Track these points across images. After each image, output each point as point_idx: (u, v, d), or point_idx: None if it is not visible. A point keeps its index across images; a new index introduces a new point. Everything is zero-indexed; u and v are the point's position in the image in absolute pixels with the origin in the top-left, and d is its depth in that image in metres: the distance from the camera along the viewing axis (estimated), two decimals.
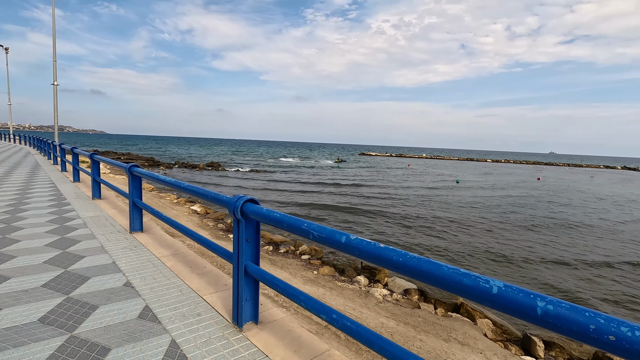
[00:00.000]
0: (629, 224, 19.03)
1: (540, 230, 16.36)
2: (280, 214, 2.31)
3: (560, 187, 38.67)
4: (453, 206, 22.17)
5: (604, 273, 11.00)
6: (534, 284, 9.91)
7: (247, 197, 2.57)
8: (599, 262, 12.01)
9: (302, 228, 2.03)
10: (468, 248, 12.96)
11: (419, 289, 8.44)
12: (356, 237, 1.80)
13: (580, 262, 11.89)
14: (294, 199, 22.13)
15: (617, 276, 10.77)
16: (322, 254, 10.97)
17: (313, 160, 69.43)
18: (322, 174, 40.64)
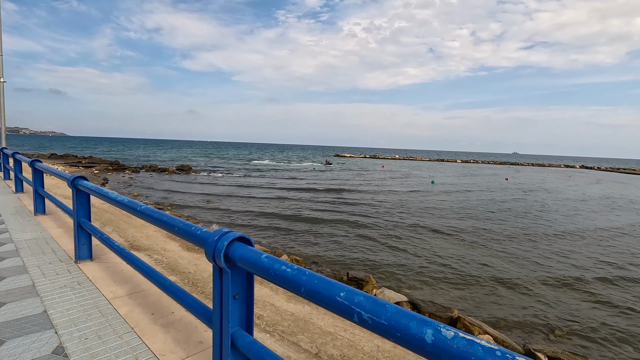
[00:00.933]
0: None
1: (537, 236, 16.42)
2: (290, 265, 1.55)
3: (557, 188, 39.93)
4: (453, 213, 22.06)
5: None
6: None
7: (234, 233, 1.79)
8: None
9: (337, 300, 1.28)
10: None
11: (410, 302, 7.88)
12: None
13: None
14: (275, 209, 21.20)
15: None
16: (303, 264, 10.21)
17: (291, 163, 68.40)
18: (304, 178, 39.82)
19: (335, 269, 9.77)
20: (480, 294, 9.13)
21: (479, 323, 6.66)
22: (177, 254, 10.63)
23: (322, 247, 12.36)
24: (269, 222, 16.18)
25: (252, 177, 36.94)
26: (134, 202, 2.58)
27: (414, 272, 10.45)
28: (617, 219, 20.69)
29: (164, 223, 2.17)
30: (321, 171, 48.55)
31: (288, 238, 13.54)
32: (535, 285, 9.94)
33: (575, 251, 13.56)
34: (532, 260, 12.22)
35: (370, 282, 8.70)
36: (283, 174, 41.71)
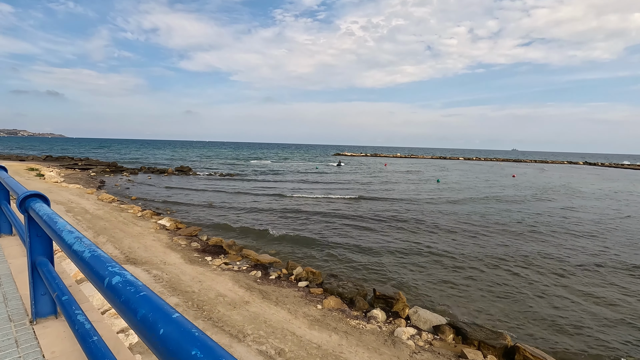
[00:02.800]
0: None
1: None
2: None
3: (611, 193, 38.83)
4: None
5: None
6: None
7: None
8: None
9: None
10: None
11: (451, 324, 6.77)
12: None
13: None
14: (282, 213, 20.05)
15: None
16: (321, 277, 9.11)
17: (292, 163, 67.22)
18: (311, 180, 38.70)
19: (358, 283, 8.65)
20: (527, 311, 8.01)
21: (543, 355, 5.56)
22: (179, 267, 9.51)
23: (342, 259, 11.23)
24: (279, 229, 15.05)
25: (253, 179, 35.80)
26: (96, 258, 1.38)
27: (449, 286, 9.34)
28: None
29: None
30: (326, 172, 47.38)
31: (303, 248, 12.41)
32: (595, 301, 8.84)
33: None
34: (592, 269, 11.11)
35: (401, 300, 7.59)
36: (287, 176, 40.57)
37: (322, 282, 8.76)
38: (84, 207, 15.36)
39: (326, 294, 8.12)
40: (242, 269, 9.53)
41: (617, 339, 6.98)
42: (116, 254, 9.70)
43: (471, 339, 6.18)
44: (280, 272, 9.44)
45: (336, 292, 8.15)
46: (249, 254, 10.84)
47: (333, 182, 34.00)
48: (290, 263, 9.95)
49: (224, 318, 6.38)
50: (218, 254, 10.81)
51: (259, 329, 6.09)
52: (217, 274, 8.90)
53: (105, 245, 10.46)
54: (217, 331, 5.90)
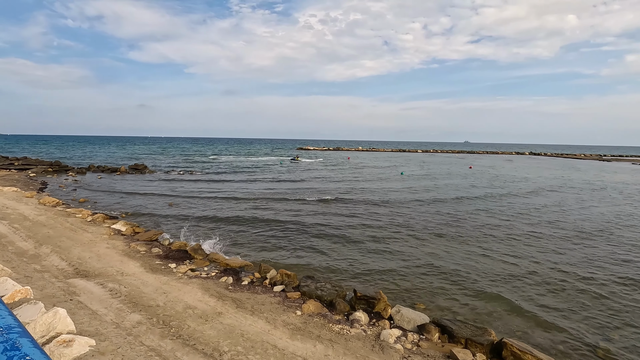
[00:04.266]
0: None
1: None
2: None
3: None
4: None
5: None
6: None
7: None
8: None
9: None
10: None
11: (435, 323, 6.62)
12: None
13: None
14: (248, 212, 19.23)
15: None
16: (297, 280, 8.64)
17: (255, 158, 65.56)
18: (274, 176, 37.80)
19: (336, 284, 8.30)
20: (509, 305, 8.10)
21: (529, 349, 5.53)
22: (139, 278, 8.56)
23: (317, 259, 10.83)
24: (246, 229, 14.33)
25: (215, 175, 34.32)
26: None
27: (426, 281, 9.26)
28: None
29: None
30: (290, 166, 46.67)
31: (274, 248, 11.83)
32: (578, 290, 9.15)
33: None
34: (564, 260, 11.56)
35: (382, 299, 7.34)
36: (250, 171, 39.40)
37: (299, 285, 8.30)
38: (22, 213, 13.63)
39: (304, 298, 7.68)
40: (210, 276, 8.82)
41: (589, 330, 7.22)
42: (63, 267, 8.57)
43: (457, 337, 6.05)
44: (253, 277, 8.85)
45: (315, 295, 7.73)
46: (217, 258, 10.11)
47: (299, 179, 33.51)
48: (263, 266, 9.38)
49: (196, 334, 5.73)
50: (183, 259, 9.97)
51: (237, 344, 5.52)
52: (184, 282, 8.13)
53: (50, 256, 9.23)
54: (189, 351, 5.25)
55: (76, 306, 6.33)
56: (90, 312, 6.14)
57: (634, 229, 15.23)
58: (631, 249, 12.34)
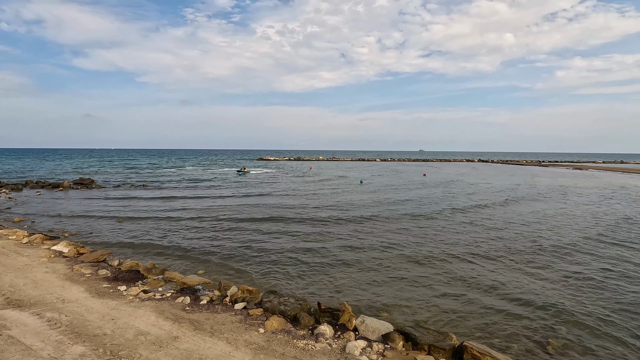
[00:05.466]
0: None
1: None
2: None
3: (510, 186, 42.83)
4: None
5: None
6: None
7: None
8: None
9: None
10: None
11: (399, 331, 6.67)
12: None
13: None
14: (205, 227, 18.45)
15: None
16: (259, 295, 8.36)
17: (212, 169, 63.53)
18: (231, 187, 36.77)
19: (300, 298, 8.12)
20: (464, 307, 8.38)
21: (487, 350, 5.73)
22: (83, 304, 7.77)
23: (279, 273, 10.55)
24: (205, 245, 13.72)
25: (171, 189, 32.77)
26: None
27: (389, 289, 9.35)
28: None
29: None
30: (248, 179, 45.80)
31: (236, 264, 11.38)
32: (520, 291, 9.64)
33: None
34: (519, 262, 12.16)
35: (347, 310, 7.28)
36: (209, 184, 38.09)
37: (262, 301, 8.02)
38: None
39: (267, 314, 7.42)
40: (166, 296, 8.26)
41: (541, 325, 7.65)
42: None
43: (421, 344, 6.12)
44: (213, 295, 8.43)
45: (278, 311, 7.50)
46: (173, 277, 9.53)
47: (259, 193, 32.97)
48: (223, 283, 8.97)
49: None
50: (134, 280, 9.27)
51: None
52: (135, 306, 7.53)
53: None
54: None
55: (6, 342, 5.61)
56: (24, 348, 5.46)
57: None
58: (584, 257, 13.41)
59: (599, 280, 10.09)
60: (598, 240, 14.53)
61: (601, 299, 8.83)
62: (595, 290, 9.45)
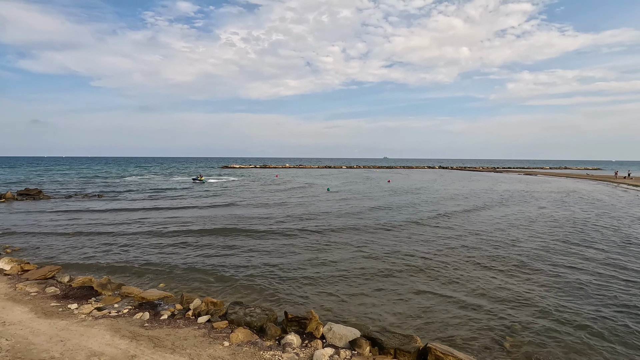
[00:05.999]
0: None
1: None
2: None
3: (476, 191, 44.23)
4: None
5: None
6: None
7: None
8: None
9: None
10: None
11: (366, 336, 6.73)
12: None
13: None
14: (163, 237, 17.72)
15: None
16: (223, 307, 8.12)
17: (173, 178, 61.18)
18: (191, 196, 35.57)
19: (266, 308, 7.98)
20: (428, 310, 8.62)
21: (450, 350, 5.92)
22: (28, 326, 7.12)
23: (245, 283, 10.30)
24: (163, 257, 13.14)
25: (129, 200, 31.16)
26: None
27: (356, 294, 9.43)
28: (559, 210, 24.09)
29: None
30: (212, 187, 44.62)
31: (199, 276, 10.97)
32: (474, 290, 10.06)
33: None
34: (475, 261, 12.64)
35: (314, 318, 7.25)
36: (170, 193, 36.65)
37: (226, 313, 7.78)
38: None
39: (232, 326, 7.21)
40: (122, 313, 7.78)
41: (500, 323, 8.04)
42: None
43: (387, 348, 6.21)
44: (174, 309, 8.06)
45: (244, 322, 7.31)
46: (131, 291, 9.01)
47: (223, 202, 32.23)
48: (186, 296, 8.61)
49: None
50: (87, 297, 8.66)
51: None
52: (88, 325, 7.03)
53: None
54: None
55: None
56: None
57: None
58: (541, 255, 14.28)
59: (557, 279, 10.81)
60: (561, 242, 15.61)
61: (558, 297, 9.46)
62: (553, 288, 10.11)
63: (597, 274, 11.26)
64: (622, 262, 12.48)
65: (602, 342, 7.11)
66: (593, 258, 12.94)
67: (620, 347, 6.91)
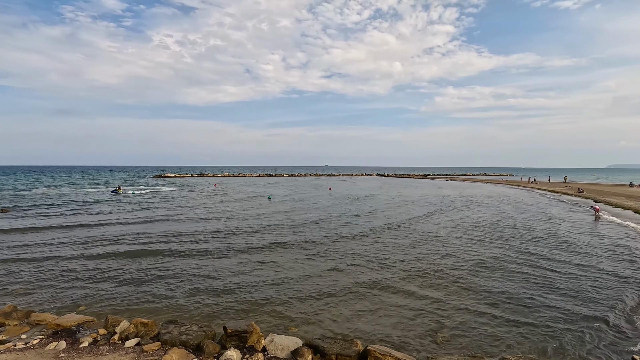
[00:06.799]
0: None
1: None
2: None
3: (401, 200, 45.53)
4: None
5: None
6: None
7: None
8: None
9: None
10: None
11: (308, 345, 6.71)
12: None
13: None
14: (79, 253, 16.04)
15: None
16: (156, 328, 7.50)
17: (97, 189, 55.48)
18: (112, 210, 32.64)
19: (204, 324, 7.56)
20: (368, 313, 8.88)
21: (388, 351, 6.16)
22: None
23: (179, 300, 9.66)
24: (84, 277, 11.84)
25: (43, 216, 27.60)
26: None
27: (297, 304, 9.36)
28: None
29: None
30: (143, 198, 41.45)
31: (123, 296, 10.02)
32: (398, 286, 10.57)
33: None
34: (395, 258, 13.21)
35: (255, 331, 7.04)
36: (93, 207, 33.21)
37: (159, 334, 7.20)
38: None
39: (166, 347, 6.70)
40: (32, 344, 6.80)
41: (432, 320, 8.56)
42: None
43: (329, 354, 6.26)
44: (97, 335, 7.25)
45: (178, 342, 6.84)
46: (43, 318, 7.91)
47: (151, 217, 30.15)
48: (111, 318, 7.80)
49: None
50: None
51: None
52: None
53: None
54: None
55: None
56: None
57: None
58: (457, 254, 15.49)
59: (483, 276, 11.85)
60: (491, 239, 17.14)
61: (482, 292, 10.38)
62: (478, 285, 11.06)
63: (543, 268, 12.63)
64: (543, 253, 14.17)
65: (515, 327, 7.96)
66: (538, 254, 14.51)
67: (526, 320, 7.80)
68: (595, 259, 13.68)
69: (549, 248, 15.57)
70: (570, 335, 7.59)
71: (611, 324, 8.13)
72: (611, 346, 7.20)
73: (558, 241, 16.88)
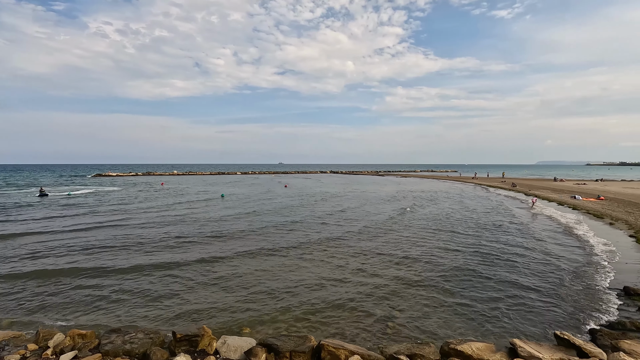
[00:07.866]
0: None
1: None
2: None
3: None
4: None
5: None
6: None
7: None
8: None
9: None
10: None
11: (262, 344, 6.67)
12: None
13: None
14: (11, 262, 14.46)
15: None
16: (96, 338, 6.99)
17: (26, 190, 49.87)
18: (59, 210, 29.76)
19: (151, 331, 7.18)
20: (320, 309, 9.00)
21: (341, 344, 6.32)
22: None
23: (122, 305, 9.06)
24: (9, 288, 10.69)
25: None
26: None
27: (245, 304, 9.21)
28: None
29: None
30: (79, 201, 38.17)
31: (56, 305, 9.17)
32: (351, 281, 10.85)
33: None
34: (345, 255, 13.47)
35: (207, 334, 6.84)
36: (25, 210, 29.96)
37: (99, 345, 6.72)
38: None
39: (108, 359, 6.27)
40: None
41: (383, 311, 8.88)
42: None
43: (283, 352, 6.27)
44: (26, 351, 6.57)
45: (122, 352, 6.43)
46: None
47: (90, 219, 27.99)
48: (43, 332, 7.12)
49: None
50: None
51: None
52: None
53: None
54: None
55: None
56: None
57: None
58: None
59: (427, 267, 12.51)
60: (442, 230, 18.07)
61: (434, 281, 10.98)
62: (432, 274, 11.67)
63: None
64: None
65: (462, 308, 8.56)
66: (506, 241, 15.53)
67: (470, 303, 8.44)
68: (532, 241, 15.14)
69: (494, 233, 16.92)
70: (509, 311, 8.34)
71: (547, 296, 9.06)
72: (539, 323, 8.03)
73: (501, 228, 18.41)
